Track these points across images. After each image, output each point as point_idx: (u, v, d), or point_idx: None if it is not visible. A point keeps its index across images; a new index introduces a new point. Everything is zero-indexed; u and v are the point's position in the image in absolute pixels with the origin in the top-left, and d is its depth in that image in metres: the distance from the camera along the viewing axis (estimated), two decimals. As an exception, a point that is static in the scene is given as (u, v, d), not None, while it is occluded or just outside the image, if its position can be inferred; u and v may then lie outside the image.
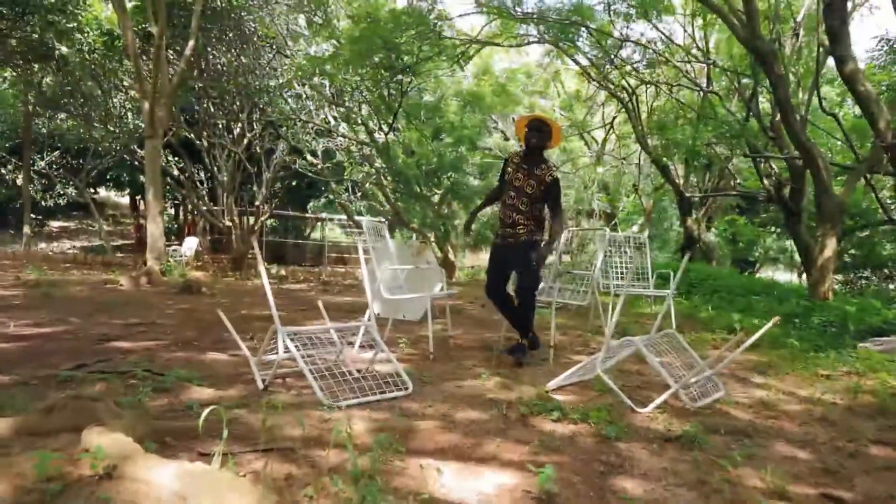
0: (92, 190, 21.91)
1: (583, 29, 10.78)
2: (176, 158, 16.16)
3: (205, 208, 15.77)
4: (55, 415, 2.07)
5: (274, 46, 13.41)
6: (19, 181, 19.47)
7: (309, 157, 15.08)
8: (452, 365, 3.82)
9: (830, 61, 8.67)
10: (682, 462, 2.14)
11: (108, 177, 21.01)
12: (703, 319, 6.48)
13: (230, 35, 12.73)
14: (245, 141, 14.85)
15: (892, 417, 2.82)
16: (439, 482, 1.88)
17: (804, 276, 9.85)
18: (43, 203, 21.12)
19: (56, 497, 1.54)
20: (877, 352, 4.38)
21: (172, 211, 24.29)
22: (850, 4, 9.65)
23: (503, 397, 2.94)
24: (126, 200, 26.60)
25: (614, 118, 15.94)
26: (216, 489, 1.54)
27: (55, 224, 25.01)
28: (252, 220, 16.52)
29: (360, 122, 13.85)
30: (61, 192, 20.97)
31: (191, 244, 15.57)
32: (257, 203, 15.63)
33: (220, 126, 14.73)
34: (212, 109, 14.09)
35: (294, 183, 19.83)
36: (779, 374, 3.76)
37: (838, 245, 9.02)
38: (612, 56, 11.52)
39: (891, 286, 12.91)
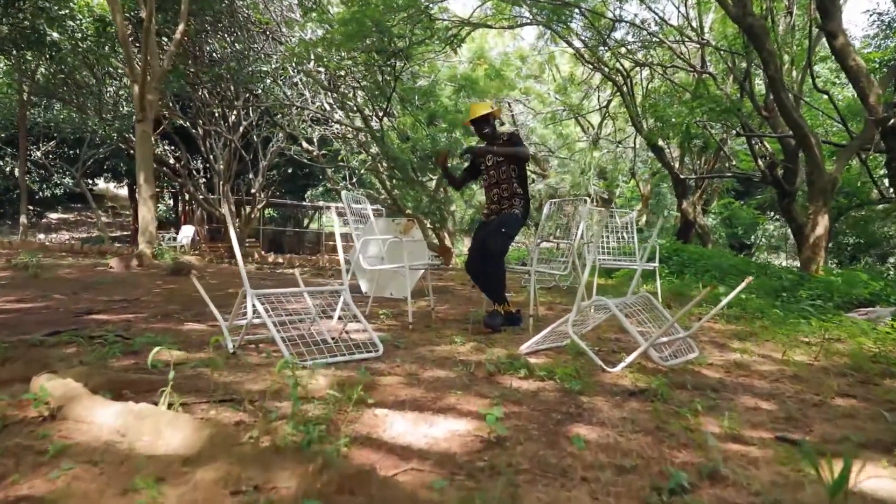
0: (91, 181, 21.90)
1: (576, 10, 10.68)
2: (172, 147, 16.10)
3: (201, 197, 15.74)
4: (8, 366, 2.06)
5: (267, 32, 13.32)
6: (16, 172, 19.46)
7: (305, 144, 15.03)
8: (430, 334, 3.81)
9: (824, 40, 8.60)
10: (643, 413, 2.12)
11: (105, 167, 20.97)
12: (692, 296, 6.44)
13: (223, 21, 12.66)
14: (241, 129, 14.79)
15: (863, 374, 2.80)
16: (391, 428, 1.87)
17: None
18: (40, 194, 21.06)
19: (-6, 434, 1.53)
20: (862, 320, 4.36)
21: (171, 201, 24.28)
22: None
23: (473, 359, 2.93)
24: (125, 192, 26.60)
25: (609, 101, 15.84)
26: (155, 425, 1.53)
27: (54, 216, 25.01)
28: (248, 208, 16.49)
29: (355, 108, 13.78)
30: (58, 183, 20.93)
31: (187, 233, 15.55)
32: (253, 191, 15.61)
33: (216, 114, 14.67)
34: (207, 97, 14.02)
35: (290, 171, 19.80)
36: (759, 341, 3.73)
37: (831, 224, 8.96)
38: (606, 37, 11.42)
39: (890, 260, 12.79)
